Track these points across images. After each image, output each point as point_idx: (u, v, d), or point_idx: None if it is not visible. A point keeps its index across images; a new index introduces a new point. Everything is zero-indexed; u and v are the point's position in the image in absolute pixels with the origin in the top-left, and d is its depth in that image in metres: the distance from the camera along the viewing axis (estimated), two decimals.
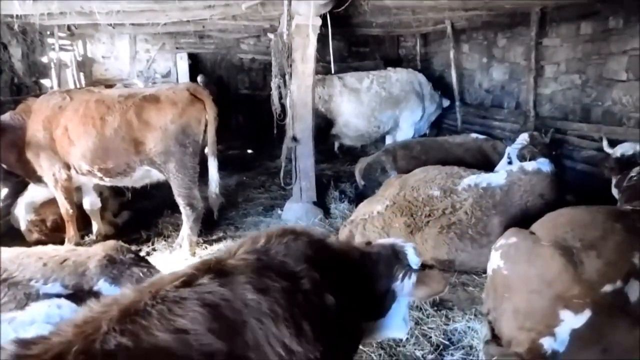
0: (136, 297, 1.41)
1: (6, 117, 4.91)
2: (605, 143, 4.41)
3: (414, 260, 2.21)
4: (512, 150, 5.47)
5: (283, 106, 5.70)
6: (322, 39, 5.39)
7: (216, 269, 1.58)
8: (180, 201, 4.93)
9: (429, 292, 2.17)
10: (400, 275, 2.13)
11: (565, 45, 6.82)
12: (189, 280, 1.49)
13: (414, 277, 2.12)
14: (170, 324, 1.34)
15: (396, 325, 2.24)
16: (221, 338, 1.39)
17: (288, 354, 1.51)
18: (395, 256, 2.20)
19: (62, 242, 5.11)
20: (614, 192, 4.21)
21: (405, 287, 2.13)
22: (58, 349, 1.19)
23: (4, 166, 5.04)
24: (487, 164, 5.86)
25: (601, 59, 6.13)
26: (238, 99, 11.82)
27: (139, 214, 6.31)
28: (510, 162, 5.15)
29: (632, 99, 5.70)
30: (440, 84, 9.66)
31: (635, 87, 5.63)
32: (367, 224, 4.60)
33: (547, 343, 2.53)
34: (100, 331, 1.26)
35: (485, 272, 3.58)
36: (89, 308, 1.39)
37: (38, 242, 4.99)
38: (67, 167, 4.91)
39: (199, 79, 10.43)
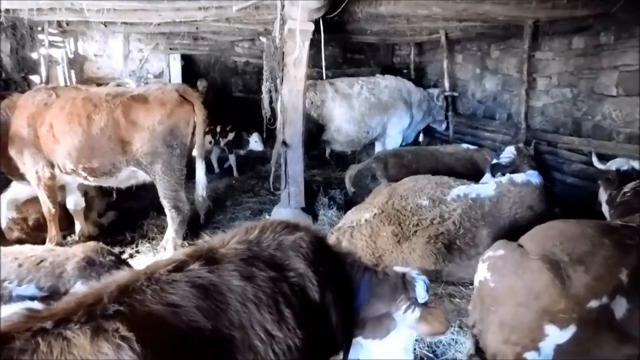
0: (133, 277, 1.55)
1: None
2: (594, 158, 4.41)
3: (421, 294, 2.21)
4: (496, 163, 5.50)
5: (273, 110, 5.66)
6: (315, 44, 5.37)
7: (207, 256, 1.71)
8: (165, 203, 4.86)
9: (429, 330, 2.19)
10: (404, 306, 2.14)
11: (557, 59, 6.88)
12: (181, 266, 1.63)
13: (417, 311, 2.13)
14: (162, 299, 1.48)
15: (395, 353, 2.23)
16: (207, 317, 1.53)
17: (268, 338, 1.64)
18: (403, 285, 2.21)
19: (43, 242, 5.00)
20: (604, 208, 4.20)
21: (407, 319, 2.14)
22: (63, 313, 1.34)
23: None
24: (478, 174, 5.87)
25: (592, 73, 6.18)
26: (231, 101, 11.75)
27: (125, 215, 6.21)
28: (493, 175, 5.16)
29: (621, 114, 5.74)
30: None
31: (625, 103, 5.67)
32: (354, 231, 4.54)
33: (531, 357, 2.50)
34: (101, 302, 1.39)
35: (472, 283, 3.55)
36: (89, 286, 1.57)
37: (19, 241, 4.87)
38: (51, 165, 4.82)
39: (199, 83, 10.23)
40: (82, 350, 1.25)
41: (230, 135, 8.60)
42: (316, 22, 4.91)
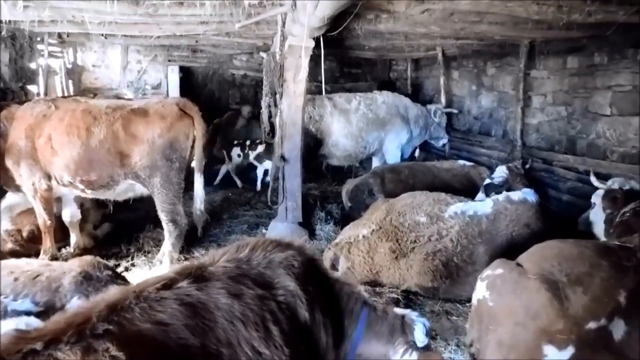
0: (122, 296, 1.58)
1: None
2: (593, 177, 4.45)
3: (419, 339, 2.20)
4: (489, 184, 5.55)
5: (272, 125, 5.68)
6: (314, 59, 5.42)
7: (196, 274, 1.74)
8: (163, 217, 4.84)
9: None
10: (401, 349, 2.14)
11: (552, 78, 6.99)
12: (169, 284, 1.67)
13: (415, 355, 2.13)
14: (150, 317, 1.51)
15: None
16: (195, 334, 1.55)
17: (255, 355, 1.66)
18: (401, 327, 2.21)
19: (37, 254, 4.95)
20: (597, 227, 4.22)
21: None
22: (53, 334, 1.35)
23: None
24: (474, 191, 5.90)
25: (587, 92, 6.29)
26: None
27: (120, 227, 6.14)
28: (487, 195, 5.20)
29: (615, 133, 5.82)
30: None
31: (618, 122, 5.76)
32: (352, 247, 4.54)
33: None
34: (90, 322, 1.41)
35: (469, 300, 3.55)
36: (78, 305, 1.62)
37: (12, 253, 4.82)
38: (48, 177, 4.79)
39: (244, 108, 9.91)
40: None
41: (260, 148, 8.42)
42: (316, 39, 4.97)
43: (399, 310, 2.31)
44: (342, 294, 2.20)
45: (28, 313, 2.77)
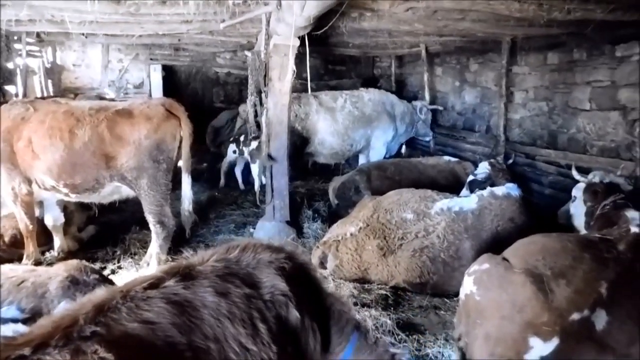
0: (109, 296, 1.58)
1: None
2: (574, 171, 4.55)
3: None
4: (472, 180, 5.63)
5: (258, 124, 5.66)
6: (298, 56, 5.41)
7: (183, 273, 1.76)
8: (150, 218, 4.79)
9: None
10: None
11: (533, 74, 7.11)
12: (156, 283, 1.68)
13: None
14: (137, 316, 1.52)
15: None
16: (182, 332, 1.57)
17: (243, 351, 1.68)
18: None
19: (20, 258, 4.86)
20: (577, 220, 4.31)
21: None
22: (40, 339, 1.34)
23: None
24: (459, 186, 6.00)
25: (567, 88, 6.42)
26: (213, 112, 11.68)
27: (106, 229, 6.05)
28: (471, 192, 5.27)
29: (595, 128, 5.96)
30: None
31: (598, 117, 5.90)
32: (340, 245, 4.58)
33: None
34: (78, 324, 1.41)
35: (456, 295, 3.61)
36: (64, 308, 1.59)
37: None
38: (29, 181, 4.68)
39: (242, 107, 9.12)
40: None
41: (254, 144, 7.70)
42: (301, 37, 4.96)
43: (392, 350, 2.28)
44: (334, 309, 2.20)
45: (14, 320, 2.73)
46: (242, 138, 8.29)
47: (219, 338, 1.64)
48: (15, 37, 7.47)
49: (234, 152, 8.35)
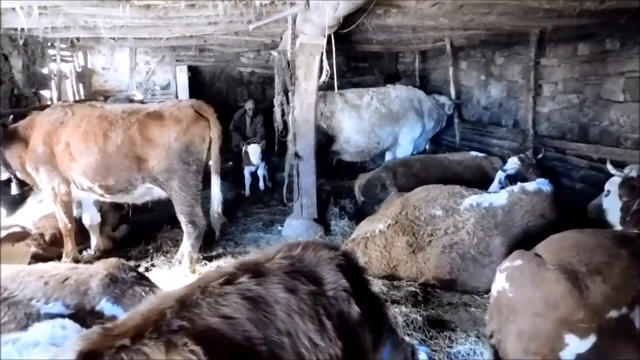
0: (189, 291, 1.65)
1: (15, 127, 4.95)
2: (609, 165, 4.42)
3: None
4: (502, 174, 5.54)
5: (285, 123, 5.72)
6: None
7: (254, 270, 1.81)
8: (182, 219, 4.89)
9: None
10: None
11: (562, 65, 6.93)
12: (231, 278, 1.73)
13: None
14: (217, 312, 1.58)
15: None
16: (258, 326, 1.62)
17: (313, 346, 1.72)
18: (412, 357, 2.29)
19: (59, 257, 5.06)
20: (611, 215, 4.19)
21: None
22: (135, 330, 1.43)
23: (17, 174, 5.09)
24: (486, 182, 5.91)
25: (598, 79, 6.23)
26: (237, 110, 11.83)
27: (138, 228, 6.24)
28: (502, 187, 5.20)
29: (629, 120, 5.78)
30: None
31: (632, 109, 5.72)
32: (368, 242, 4.60)
33: None
34: (165, 318, 1.48)
35: (486, 292, 3.58)
36: (148, 302, 1.64)
37: (36, 256, 4.93)
38: (67, 182, 4.89)
39: (248, 104, 9.19)
40: None
41: (254, 147, 7.79)
42: (327, 36, 4.98)
43: (410, 342, 2.42)
44: (382, 308, 2.26)
45: (61, 316, 2.85)
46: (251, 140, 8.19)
47: (291, 333, 1.68)
48: (49, 44, 7.76)
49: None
